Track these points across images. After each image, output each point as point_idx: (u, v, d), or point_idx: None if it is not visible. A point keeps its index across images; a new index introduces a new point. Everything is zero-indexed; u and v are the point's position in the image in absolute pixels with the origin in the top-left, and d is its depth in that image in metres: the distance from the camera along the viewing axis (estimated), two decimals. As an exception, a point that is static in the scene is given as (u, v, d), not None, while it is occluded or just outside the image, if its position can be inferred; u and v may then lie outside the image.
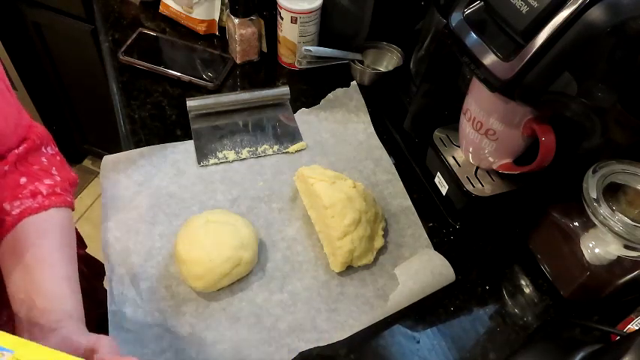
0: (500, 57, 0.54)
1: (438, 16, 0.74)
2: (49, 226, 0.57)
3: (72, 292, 0.55)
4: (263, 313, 0.64)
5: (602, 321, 0.65)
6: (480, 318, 0.66)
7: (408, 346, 0.63)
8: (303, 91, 0.90)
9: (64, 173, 0.62)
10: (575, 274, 0.63)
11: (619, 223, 0.57)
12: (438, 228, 0.74)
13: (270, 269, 0.68)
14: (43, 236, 0.56)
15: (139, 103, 0.85)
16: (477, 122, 0.65)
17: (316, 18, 0.87)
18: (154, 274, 0.66)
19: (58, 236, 0.58)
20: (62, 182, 0.61)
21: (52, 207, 0.58)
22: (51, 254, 0.56)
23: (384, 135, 0.85)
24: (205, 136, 0.81)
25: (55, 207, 0.58)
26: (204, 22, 0.95)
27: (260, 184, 0.76)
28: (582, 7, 0.47)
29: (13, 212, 0.55)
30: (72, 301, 0.54)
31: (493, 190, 0.70)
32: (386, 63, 0.95)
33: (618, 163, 0.61)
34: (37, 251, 0.54)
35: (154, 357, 0.59)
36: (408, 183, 0.78)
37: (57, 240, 0.57)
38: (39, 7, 1.28)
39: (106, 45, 0.95)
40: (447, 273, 0.66)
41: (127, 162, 0.76)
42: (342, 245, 0.65)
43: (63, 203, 0.59)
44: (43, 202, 0.57)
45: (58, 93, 1.53)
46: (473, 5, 0.58)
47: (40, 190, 0.58)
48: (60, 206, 0.59)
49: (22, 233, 0.55)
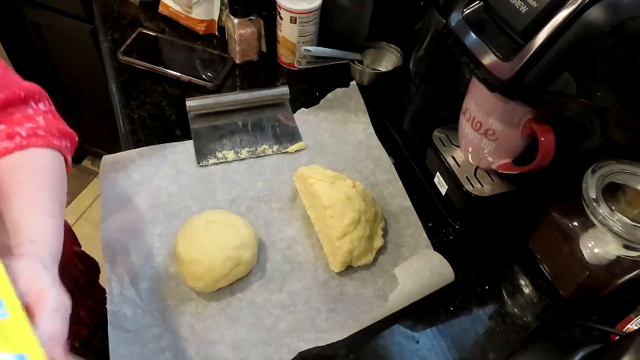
0: (500, 57, 0.54)
1: (438, 16, 0.74)
2: (27, 163, 0.53)
3: (43, 224, 0.50)
4: (262, 313, 0.64)
5: (602, 321, 0.65)
6: (480, 318, 0.66)
7: (407, 346, 0.63)
8: (302, 91, 0.90)
9: (55, 123, 0.58)
10: (575, 273, 0.64)
11: (618, 223, 0.57)
12: (438, 228, 0.74)
13: (270, 269, 0.68)
14: (20, 172, 0.52)
15: (139, 103, 0.85)
16: (476, 122, 0.65)
17: (315, 18, 0.87)
18: (153, 274, 0.66)
19: (39, 173, 0.53)
20: (47, 127, 0.56)
21: (31, 147, 0.53)
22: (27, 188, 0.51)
23: (384, 135, 0.85)
24: (205, 136, 0.81)
25: (35, 147, 0.54)
26: (203, 22, 0.95)
27: (259, 184, 0.76)
28: (582, 7, 0.47)
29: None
30: (40, 232, 0.50)
31: (492, 190, 0.70)
32: (385, 63, 0.95)
33: (618, 163, 0.61)
34: (9, 187, 0.51)
35: (153, 357, 0.59)
36: (407, 183, 0.78)
37: (35, 176, 0.53)
38: (38, 6, 1.28)
39: (105, 45, 0.95)
40: (446, 273, 0.66)
41: (126, 162, 0.76)
42: (341, 245, 0.65)
43: (46, 144, 0.55)
44: (20, 143, 0.53)
45: (57, 93, 1.52)
46: (472, 5, 0.58)
47: (18, 132, 0.54)
48: (42, 147, 0.54)
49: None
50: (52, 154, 0.56)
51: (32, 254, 0.47)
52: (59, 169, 0.56)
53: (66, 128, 0.60)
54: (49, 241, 0.50)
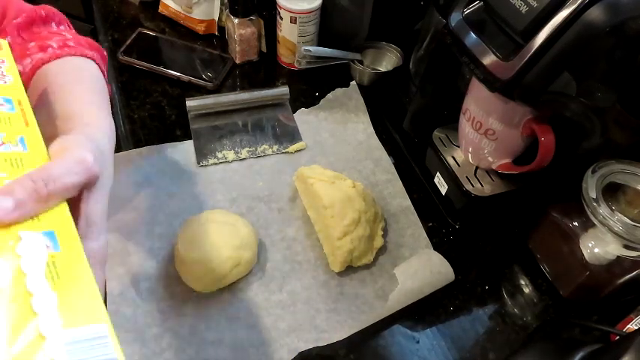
0: (500, 57, 0.54)
1: (438, 16, 0.74)
2: (67, 68, 0.51)
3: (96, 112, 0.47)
4: (262, 313, 0.64)
5: (602, 321, 0.65)
6: (480, 318, 0.66)
7: (407, 346, 0.63)
8: (302, 91, 0.90)
9: (83, 37, 0.56)
10: (575, 273, 0.64)
11: (618, 222, 0.57)
12: (438, 228, 0.74)
13: (270, 269, 0.68)
14: (63, 75, 0.50)
15: (139, 103, 0.85)
16: (476, 122, 0.65)
17: (316, 18, 0.87)
18: (153, 274, 0.66)
19: (81, 75, 0.52)
20: (76, 39, 0.54)
21: (65, 56, 0.52)
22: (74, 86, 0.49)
23: (384, 135, 0.85)
24: (205, 136, 0.81)
25: (69, 56, 0.52)
26: (203, 22, 0.95)
27: (259, 184, 0.76)
28: (582, 7, 0.47)
29: (25, 70, 0.50)
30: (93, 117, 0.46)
31: (492, 190, 0.70)
32: (385, 63, 0.95)
33: (618, 163, 0.61)
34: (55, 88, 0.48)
35: (153, 357, 0.59)
36: (407, 183, 0.78)
37: (78, 77, 0.51)
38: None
39: (105, 45, 0.94)
40: (446, 273, 0.66)
41: (126, 162, 0.76)
42: (341, 245, 0.65)
43: (80, 53, 0.53)
44: (54, 52, 0.51)
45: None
46: (472, 5, 0.58)
47: (50, 44, 0.52)
48: (76, 55, 0.53)
49: (36, 82, 0.50)
50: (87, 63, 0.54)
51: (85, 134, 0.42)
52: (97, 76, 0.54)
53: (94, 42, 0.58)
54: (104, 126, 0.46)
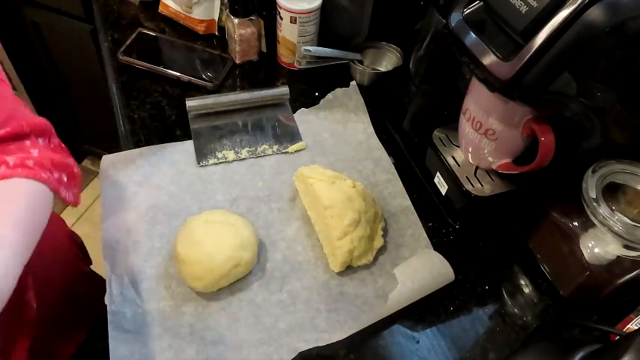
0: (500, 57, 0.54)
1: (438, 16, 0.74)
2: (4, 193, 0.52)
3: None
4: (262, 313, 0.64)
5: (602, 321, 0.65)
6: (480, 318, 0.66)
7: (407, 346, 0.63)
8: (302, 91, 0.90)
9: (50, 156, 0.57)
10: (575, 273, 0.64)
11: (618, 222, 0.57)
12: (438, 228, 0.74)
13: (270, 269, 0.68)
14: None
15: (139, 103, 0.85)
16: (476, 122, 0.65)
17: (315, 18, 0.87)
18: (153, 274, 0.66)
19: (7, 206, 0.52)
20: (39, 159, 0.55)
21: (14, 177, 0.52)
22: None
23: (384, 135, 0.85)
24: (205, 136, 0.81)
25: (19, 178, 0.53)
26: (203, 22, 0.95)
27: (260, 184, 0.76)
28: (581, 7, 0.47)
29: None
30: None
31: (492, 189, 0.70)
32: (385, 63, 0.95)
33: (618, 163, 0.61)
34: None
35: (153, 357, 0.59)
36: (407, 183, 0.78)
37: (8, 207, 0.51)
38: (38, 6, 1.28)
39: (105, 45, 0.95)
40: (446, 273, 0.66)
41: (126, 162, 0.76)
42: (341, 245, 0.65)
43: (32, 176, 0.54)
44: (4, 172, 0.52)
45: (57, 93, 1.52)
46: (472, 5, 0.58)
47: (6, 160, 0.53)
48: (27, 178, 0.53)
49: None
50: (36, 187, 0.55)
51: None
52: (39, 202, 0.55)
53: (63, 161, 0.59)
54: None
